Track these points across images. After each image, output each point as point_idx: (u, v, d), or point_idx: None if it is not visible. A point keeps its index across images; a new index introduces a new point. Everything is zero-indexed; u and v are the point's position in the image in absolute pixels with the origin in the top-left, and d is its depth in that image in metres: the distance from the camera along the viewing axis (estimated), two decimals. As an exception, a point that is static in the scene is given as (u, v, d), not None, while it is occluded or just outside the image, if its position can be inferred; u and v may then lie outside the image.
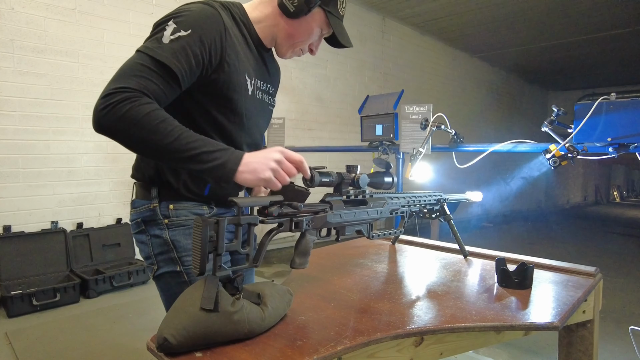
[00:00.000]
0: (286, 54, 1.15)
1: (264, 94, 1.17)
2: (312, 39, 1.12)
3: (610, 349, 2.75)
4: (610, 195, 16.43)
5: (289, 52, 1.15)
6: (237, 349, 0.78)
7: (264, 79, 1.17)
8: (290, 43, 1.12)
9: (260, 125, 1.19)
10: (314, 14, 1.08)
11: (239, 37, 1.05)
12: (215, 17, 0.97)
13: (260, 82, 1.14)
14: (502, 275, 1.16)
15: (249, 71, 1.08)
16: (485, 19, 6.77)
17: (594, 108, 1.70)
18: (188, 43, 0.91)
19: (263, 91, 1.16)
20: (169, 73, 0.89)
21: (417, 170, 2.25)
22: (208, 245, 0.77)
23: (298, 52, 1.15)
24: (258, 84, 1.13)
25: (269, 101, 1.22)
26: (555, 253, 5.78)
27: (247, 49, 1.08)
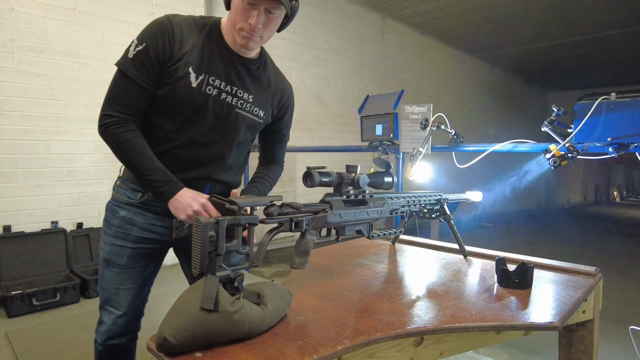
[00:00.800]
0: (239, 41, 1.19)
1: (227, 94, 1.24)
2: (244, 15, 1.14)
3: (610, 348, 2.75)
4: (610, 195, 16.42)
5: (239, 39, 1.18)
6: (237, 349, 0.78)
7: (230, 81, 1.24)
8: (234, 29, 1.17)
9: (209, 123, 1.25)
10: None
11: (197, 41, 1.20)
12: (163, 25, 1.17)
13: (221, 82, 1.23)
14: (502, 275, 1.16)
15: (197, 66, 1.19)
16: (485, 19, 6.76)
17: (594, 108, 1.70)
18: (142, 54, 1.15)
19: (226, 92, 1.24)
20: (134, 83, 1.16)
21: (417, 170, 2.25)
22: (208, 245, 0.77)
23: (244, 34, 1.16)
24: (215, 83, 1.22)
25: (239, 105, 1.27)
26: (555, 253, 5.78)
27: (207, 50, 1.21)
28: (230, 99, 1.25)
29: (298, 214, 0.95)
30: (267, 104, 1.33)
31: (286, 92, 1.39)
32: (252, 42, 1.18)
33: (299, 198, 5.51)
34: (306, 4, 5.53)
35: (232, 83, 1.25)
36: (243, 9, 1.13)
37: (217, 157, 1.29)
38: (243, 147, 1.38)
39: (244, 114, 1.28)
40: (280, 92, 1.37)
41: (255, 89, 1.29)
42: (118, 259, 1.27)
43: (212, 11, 4.49)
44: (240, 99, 1.27)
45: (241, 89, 1.26)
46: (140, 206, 1.28)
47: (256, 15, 1.13)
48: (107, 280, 1.29)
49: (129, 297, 1.31)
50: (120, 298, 1.30)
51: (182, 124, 1.23)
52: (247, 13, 1.13)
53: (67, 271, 3.43)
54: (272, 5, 1.12)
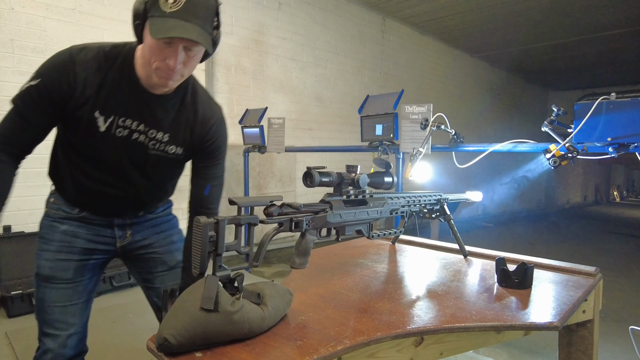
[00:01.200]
0: (156, 80, 1.08)
1: (139, 134, 1.16)
2: (160, 54, 1.02)
3: (610, 348, 2.75)
4: (610, 195, 16.42)
5: (156, 78, 1.08)
6: (237, 349, 0.78)
7: (142, 120, 1.15)
8: (149, 67, 1.06)
9: (123, 162, 1.19)
10: (146, 28, 1.02)
11: (105, 79, 1.10)
12: (64, 65, 1.07)
13: (132, 122, 1.14)
14: (502, 275, 1.16)
15: (104, 108, 1.11)
16: (485, 19, 6.76)
17: (594, 108, 1.70)
18: (34, 90, 1.07)
19: (138, 132, 1.16)
20: (19, 115, 1.09)
21: (417, 170, 2.25)
22: (208, 245, 0.77)
23: (161, 73, 1.06)
24: (126, 123, 1.14)
25: (149, 144, 1.18)
26: (555, 253, 5.78)
27: (117, 88, 1.11)
28: (143, 139, 1.17)
29: (298, 214, 0.95)
30: (186, 140, 1.23)
31: (210, 122, 1.26)
32: (172, 82, 1.09)
33: (299, 198, 5.51)
34: (306, 4, 5.53)
35: (145, 122, 1.15)
36: (158, 48, 1.01)
37: (135, 196, 1.26)
38: (168, 181, 1.35)
39: (158, 153, 1.20)
40: (201, 125, 1.24)
41: (171, 126, 1.19)
42: (63, 274, 1.23)
43: (212, 11, 4.49)
44: (153, 139, 1.18)
45: (154, 128, 1.17)
46: (81, 219, 1.26)
47: (174, 55, 1.02)
48: (51, 300, 1.23)
49: (77, 314, 1.26)
50: (68, 317, 1.24)
51: (95, 165, 1.18)
52: (164, 52, 1.01)
53: (67, 271, 3.43)
54: (191, 43, 1.02)
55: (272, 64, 5.20)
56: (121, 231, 1.31)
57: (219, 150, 1.31)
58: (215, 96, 4.60)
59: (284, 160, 5.31)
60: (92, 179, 1.20)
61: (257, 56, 5.03)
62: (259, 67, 5.06)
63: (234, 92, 4.80)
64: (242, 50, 4.86)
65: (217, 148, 1.30)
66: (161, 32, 0.97)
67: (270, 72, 5.19)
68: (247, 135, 4.04)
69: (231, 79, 4.77)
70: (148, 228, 1.37)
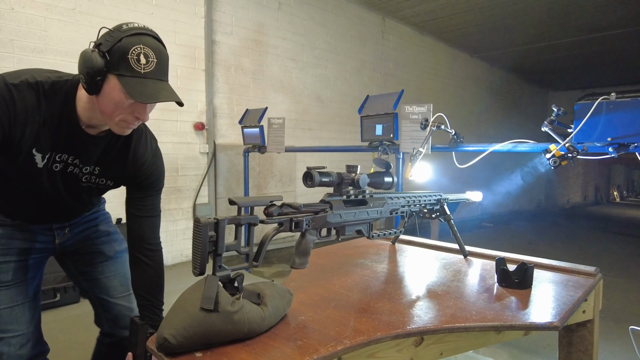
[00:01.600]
0: (116, 129, 1.11)
1: (74, 167, 1.20)
2: (127, 109, 1.05)
3: (610, 348, 2.75)
4: (610, 195, 16.42)
5: (116, 128, 1.10)
6: (237, 349, 0.78)
7: (77, 156, 1.18)
8: (109, 118, 1.08)
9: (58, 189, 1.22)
10: (111, 84, 1.01)
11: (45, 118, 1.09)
12: (4, 100, 1.03)
13: (68, 156, 1.17)
14: (502, 275, 1.16)
15: (42, 146, 1.11)
16: (485, 19, 6.76)
17: (594, 108, 1.70)
18: None
19: (73, 165, 1.19)
20: None
21: (417, 170, 2.25)
22: (208, 245, 0.77)
23: (124, 125, 1.09)
24: (62, 158, 1.16)
25: (82, 177, 1.23)
26: (555, 253, 5.78)
27: (55, 127, 1.11)
28: (77, 172, 1.22)
29: (298, 214, 0.95)
30: (117, 175, 1.27)
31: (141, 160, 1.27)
32: (131, 129, 1.14)
33: (299, 198, 5.51)
34: (306, 4, 5.53)
35: (79, 157, 1.19)
36: (128, 105, 1.04)
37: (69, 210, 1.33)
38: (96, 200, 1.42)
39: (89, 185, 1.26)
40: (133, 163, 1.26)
41: (102, 162, 1.23)
42: (3, 276, 1.23)
43: (212, 11, 4.50)
44: (86, 173, 1.23)
45: (87, 164, 1.21)
46: (15, 225, 1.27)
47: (144, 111, 1.08)
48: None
49: (26, 313, 1.25)
50: (17, 316, 1.23)
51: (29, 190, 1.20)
52: (132, 107, 1.05)
53: (67, 271, 3.43)
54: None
55: (272, 64, 5.20)
56: (60, 230, 1.36)
57: (155, 184, 1.32)
58: (215, 96, 4.61)
59: (284, 160, 5.31)
60: (25, 199, 1.23)
61: (257, 56, 5.03)
62: (259, 67, 5.06)
63: (234, 92, 4.81)
64: (242, 50, 4.86)
65: (152, 183, 1.31)
66: (146, 97, 1.01)
67: (270, 72, 5.19)
68: (247, 135, 4.04)
69: (231, 79, 4.77)
70: (85, 223, 1.43)
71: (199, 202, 4.51)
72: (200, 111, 4.46)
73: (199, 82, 4.42)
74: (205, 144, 4.50)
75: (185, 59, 4.26)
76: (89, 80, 1.02)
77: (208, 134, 4.51)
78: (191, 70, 4.33)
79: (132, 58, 0.99)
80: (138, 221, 1.30)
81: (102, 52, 1.00)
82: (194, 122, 4.40)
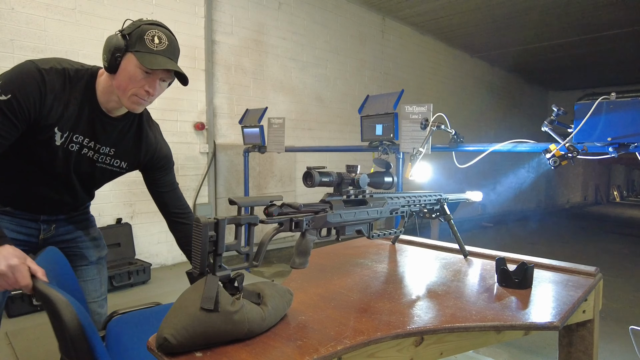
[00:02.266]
0: (128, 104, 1.23)
1: (89, 150, 1.30)
2: (140, 82, 1.19)
3: (611, 348, 2.75)
4: (610, 195, 16.42)
5: (128, 103, 1.23)
6: (237, 349, 0.78)
7: (93, 137, 1.29)
8: (123, 94, 1.21)
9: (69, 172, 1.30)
10: (127, 60, 1.18)
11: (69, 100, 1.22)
12: (35, 82, 1.15)
13: (84, 138, 1.27)
14: (502, 275, 1.16)
15: (63, 125, 1.22)
16: (485, 19, 6.76)
17: (594, 108, 1.70)
18: (6, 104, 1.12)
19: (88, 147, 1.29)
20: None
21: (417, 170, 2.25)
22: (208, 245, 0.77)
23: (136, 99, 1.22)
24: (78, 139, 1.26)
25: (99, 160, 1.33)
26: (555, 253, 5.78)
27: (77, 108, 1.23)
28: (92, 154, 1.31)
29: (298, 213, 0.95)
30: (131, 158, 1.39)
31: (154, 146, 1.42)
32: (142, 106, 1.26)
33: (299, 198, 5.51)
34: (306, 4, 5.53)
35: (96, 140, 1.30)
36: (140, 78, 1.18)
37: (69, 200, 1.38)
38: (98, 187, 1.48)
39: (104, 166, 1.35)
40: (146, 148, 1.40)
41: (118, 143, 1.34)
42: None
43: (212, 11, 4.50)
44: (102, 154, 1.33)
45: (102, 144, 1.31)
46: (4, 212, 1.32)
47: (155, 83, 1.21)
48: None
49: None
50: None
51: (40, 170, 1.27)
52: (143, 81, 1.19)
53: (67, 271, 3.43)
54: (169, 76, 1.23)
55: (272, 64, 5.20)
56: (46, 225, 1.39)
57: (168, 164, 1.47)
58: (215, 96, 4.61)
59: (284, 160, 5.31)
60: (30, 181, 1.29)
61: (257, 56, 5.03)
62: (259, 67, 5.06)
63: (234, 92, 4.81)
64: (242, 50, 4.86)
65: (165, 164, 1.46)
66: (156, 64, 1.16)
67: (270, 72, 5.19)
68: (247, 135, 4.04)
69: (231, 79, 4.77)
70: (71, 223, 1.47)
71: (199, 202, 4.51)
72: (200, 111, 4.46)
73: (199, 82, 4.42)
74: (205, 144, 4.50)
75: (185, 59, 4.26)
76: (110, 58, 1.18)
77: (208, 134, 4.51)
78: (191, 70, 4.33)
79: (147, 38, 1.17)
80: (161, 197, 1.46)
81: (123, 34, 1.18)
82: (194, 122, 4.40)
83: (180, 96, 4.26)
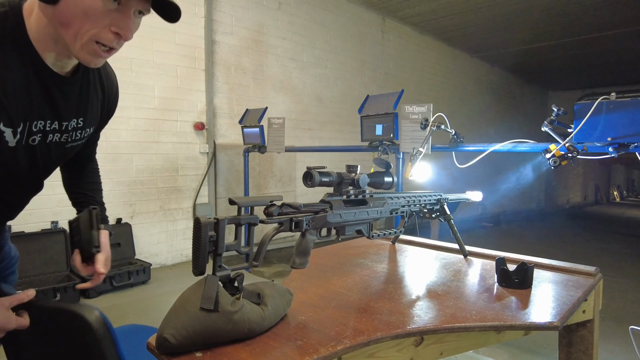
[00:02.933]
0: (82, 56, 0.80)
1: (54, 133, 0.91)
2: (102, 19, 0.76)
3: (611, 348, 2.75)
4: (610, 195, 16.43)
5: (82, 54, 0.79)
6: (237, 349, 0.78)
7: (56, 116, 0.89)
8: (73, 39, 0.77)
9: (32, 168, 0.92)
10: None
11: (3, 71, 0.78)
12: None
13: (45, 122, 0.88)
14: (502, 275, 1.16)
15: (10, 116, 0.80)
16: (485, 19, 6.77)
17: (594, 108, 1.70)
18: None
19: (52, 131, 0.90)
20: None
21: (417, 170, 2.25)
22: (208, 245, 0.77)
23: (95, 49, 0.79)
24: (38, 127, 0.87)
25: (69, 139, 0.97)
26: (555, 253, 5.78)
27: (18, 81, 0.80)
28: (59, 137, 0.93)
29: (298, 213, 0.95)
30: (96, 116, 1.04)
31: (112, 90, 1.07)
32: (103, 60, 0.84)
33: (299, 198, 5.51)
34: (306, 4, 5.53)
35: (59, 117, 0.90)
36: (102, 13, 0.75)
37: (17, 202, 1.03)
38: None
39: (74, 144, 1.00)
40: (108, 97, 1.06)
41: (85, 107, 0.97)
42: None
43: (212, 11, 4.50)
44: (70, 131, 0.95)
45: (70, 119, 0.93)
46: None
47: (128, 19, 0.78)
48: None
49: None
50: None
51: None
52: (107, 16, 0.76)
53: (67, 271, 3.43)
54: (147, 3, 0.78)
55: (272, 64, 5.20)
56: None
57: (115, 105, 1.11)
58: (215, 96, 4.61)
59: (284, 160, 5.31)
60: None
61: (257, 56, 5.03)
62: (259, 67, 5.06)
63: (234, 92, 4.81)
64: (242, 50, 4.86)
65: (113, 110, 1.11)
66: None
67: (270, 72, 5.19)
68: (247, 135, 4.04)
69: (231, 78, 4.77)
70: None
71: (199, 202, 4.51)
72: (200, 111, 4.46)
73: (199, 82, 4.42)
74: (205, 144, 4.50)
75: (185, 59, 4.26)
76: None
77: (208, 134, 4.52)
78: (191, 70, 4.33)
79: None
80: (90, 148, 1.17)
81: None
82: (194, 122, 4.40)
83: (180, 96, 4.26)
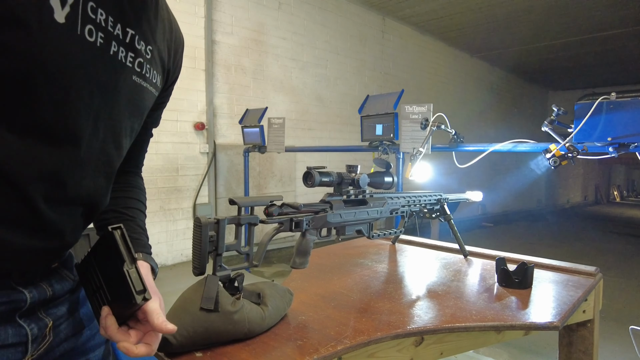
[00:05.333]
0: None
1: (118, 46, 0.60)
2: None
3: (611, 348, 2.75)
4: (610, 194, 16.43)
5: None
6: (237, 349, 0.78)
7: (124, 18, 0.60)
8: None
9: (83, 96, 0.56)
10: None
11: None
12: None
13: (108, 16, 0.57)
14: (502, 275, 1.16)
15: None
16: (485, 19, 6.77)
17: (594, 108, 1.70)
18: None
19: (117, 40, 0.59)
20: None
21: (417, 170, 2.25)
22: (208, 245, 0.77)
23: None
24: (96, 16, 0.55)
25: (137, 67, 0.64)
26: (555, 253, 5.78)
27: None
28: (125, 55, 0.61)
29: (298, 213, 0.95)
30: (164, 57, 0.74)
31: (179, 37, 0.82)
32: None
33: (299, 198, 5.51)
34: (306, 4, 5.53)
35: (127, 22, 0.61)
36: None
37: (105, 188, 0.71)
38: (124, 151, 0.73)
39: (149, 87, 0.69)
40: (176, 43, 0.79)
41: (154, 34, 0.68)
42: None
43: (212, 11, 4.50)
44: (140, 55, 0.64)
45: (139, 34, 0.63)
46: None
47: None
48: None
49: None
50: None
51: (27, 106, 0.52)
52: None
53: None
54: None
55: (272, 64, 5.21)
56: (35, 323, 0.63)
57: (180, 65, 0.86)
58: (215, 96, 4.61)
59: (284, 160, 5.31)
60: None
61: (257, 56, 5.03)
62: (259, 67, 5.06)
63: (234, 92, 4.81)
64: (242, 50, 4.86)
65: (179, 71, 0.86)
66: None
67: (270, 72, 5.19)
68: (247, 135, 4.04)
69: (231, 78, 4.77)
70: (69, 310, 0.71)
71: (199, 202, 4.51)
72: (200, 111, 4.46)
73: (199, 82, 4.42)
74: (205, 144, 4.50)
75: (185, 59, 4.22)
76: None
77: (208, 134, 4.52)
78: (191, 70, 4.33)
79: None
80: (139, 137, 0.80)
81: None
82: (194, 122, 4.40)
83: (180, 96, 4.26)
